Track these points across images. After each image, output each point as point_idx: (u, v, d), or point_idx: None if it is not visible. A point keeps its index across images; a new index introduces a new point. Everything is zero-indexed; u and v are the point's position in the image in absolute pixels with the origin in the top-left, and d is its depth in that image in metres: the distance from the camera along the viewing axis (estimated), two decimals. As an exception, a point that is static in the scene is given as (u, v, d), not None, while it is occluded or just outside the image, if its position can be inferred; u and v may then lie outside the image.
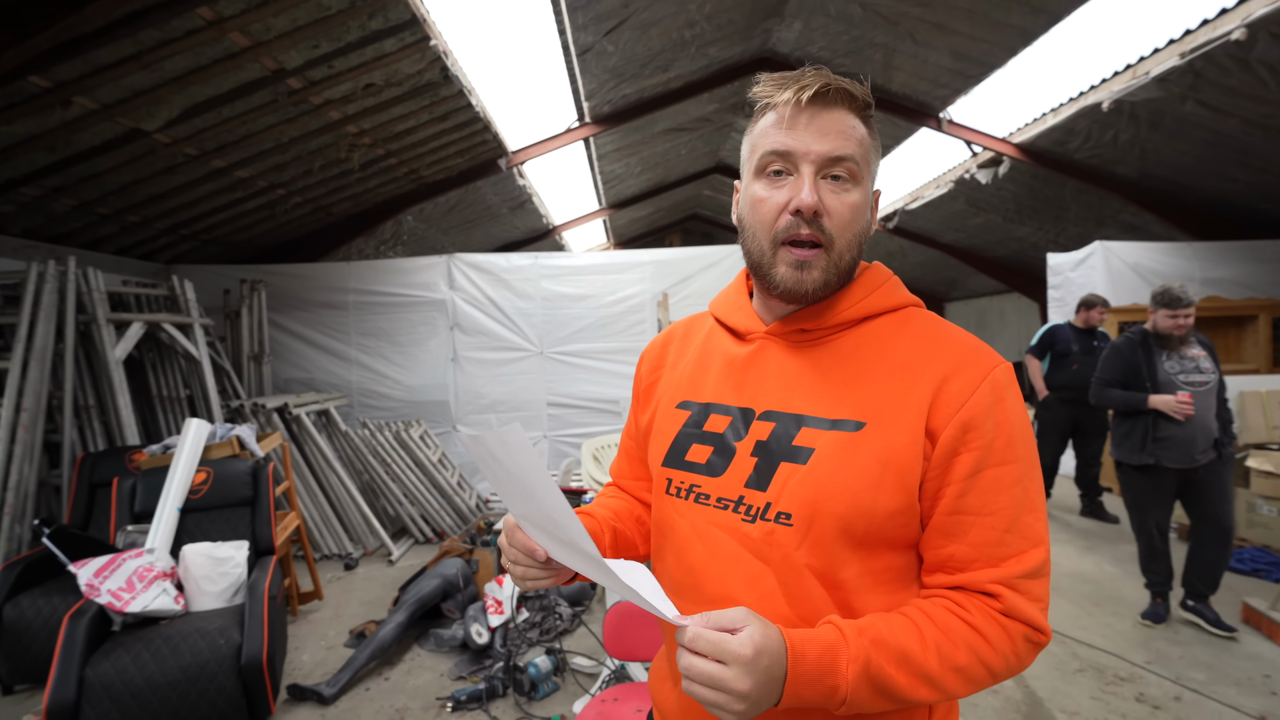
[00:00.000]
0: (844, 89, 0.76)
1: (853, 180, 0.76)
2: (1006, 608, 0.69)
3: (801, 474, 0.73)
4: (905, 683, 0.66)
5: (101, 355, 3.90)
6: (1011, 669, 0.70)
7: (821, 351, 0.79)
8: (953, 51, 5.35)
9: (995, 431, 0.70)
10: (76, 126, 3.75)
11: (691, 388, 0.87)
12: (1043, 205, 7.47)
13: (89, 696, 2.18)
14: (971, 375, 0.71)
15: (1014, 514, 0.70)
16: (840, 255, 0.76)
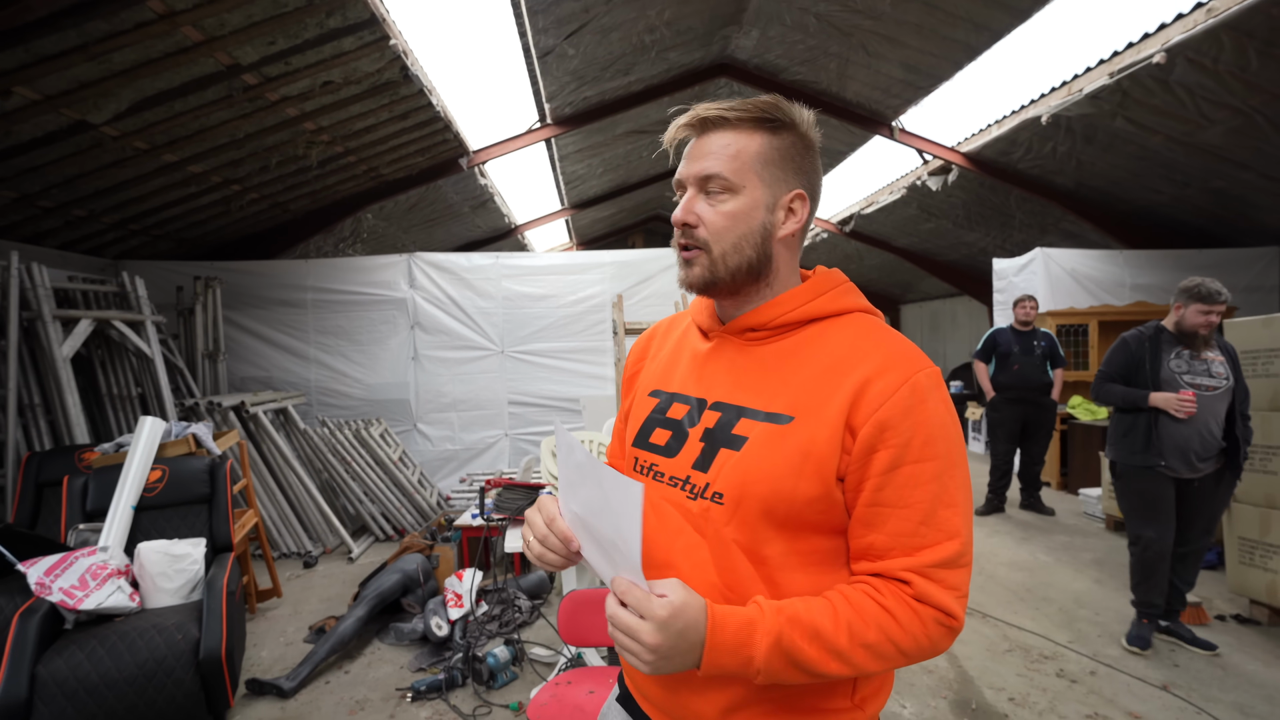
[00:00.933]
0: (715, 115, 0.85)
1: (729, 191, 0.85)
2: (918, 593, 0.75)
3: (735, 459, 0.82)
4: (816, 656, 0.72)
5: (48, 353, 3.81)
6: (924, 650, 0.76)
7: (767, 350, 0.87)
8: (903, 63, 5.58)
9: (913, 431, 0.76)
10: (17, 117, 3.66)
11: (663, 378, 0.97)
12: (990, 212, 7.80)
13: (42, 693, 2.18)
14: (893, 378, 0.77)
15: (930, 508, 0.76)
16: (723, 255, 0.85)
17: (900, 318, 14.40)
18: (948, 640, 0.77)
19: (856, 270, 12.81)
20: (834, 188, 9.34)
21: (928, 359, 0.81)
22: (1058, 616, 3.53)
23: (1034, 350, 5.22)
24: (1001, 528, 5.12)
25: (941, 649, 0.77)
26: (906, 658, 0.76)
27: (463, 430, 6.02)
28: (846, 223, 9.95)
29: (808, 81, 6.41)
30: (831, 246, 11.67)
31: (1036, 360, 5.21)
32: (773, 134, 0.86)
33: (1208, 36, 3.99)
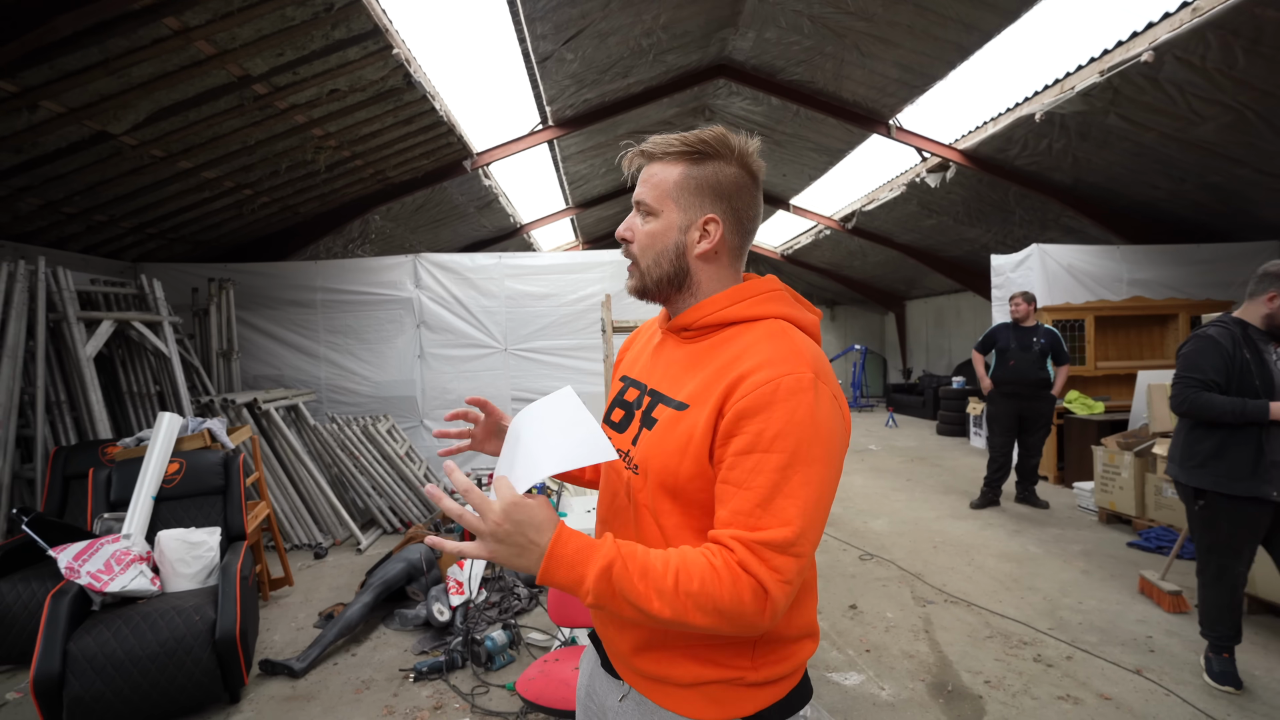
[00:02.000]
0: (644, 151, 1.00)
1: (649, 215, 1.00)
2: (740, 559, 0.81)
3: (648, 437, 0.97)
4: (641, 590, 0.80)
5: (72, 352, 4.01)
6: (739, 614, 0.80)
7: (692, 347, 1.01)
8: (897, 63, 5.66)
9: (765, 424, 0.83)
10: (43, 129, 3.85)
11: (631, 366, 1.15)
12: (989, 208, 7.85)
13: (73, 668, 2.36)
14: (762, 376, 0.86)
15: (768, 495, 0.82)
16: (648, 268, 1.01)
17: (905, 314, 14.43)
18: (761, 617, 0.81)
19: (861, 267, 12.87)
20: (835, 185, 9.40)
21: (807, 366, 0.87)
22: (1041, 605, 3.62)
23: (1031, 346, 5.30)
24: (995, 520, 5.21)
25: (756, 625, 0.82)
26: (724, 617, 0.80)
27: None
28: (849, 219, 10.01)
29: (805, 81, 6.49)
30: (835, 243, 11.73)
31: (1033, 356, 5.28)
32: (694, 164, 0.97)
33: (1194, 35, 4.04)
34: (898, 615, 3.56)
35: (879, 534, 4.96)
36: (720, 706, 0.93)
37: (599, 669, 1.09)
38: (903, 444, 9.13)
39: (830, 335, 15.77)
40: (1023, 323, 5.39)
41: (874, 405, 14.00)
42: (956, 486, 6.40)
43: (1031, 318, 5.41)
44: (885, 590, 3.90)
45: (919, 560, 4.37)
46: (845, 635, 3.33)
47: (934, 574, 4.11)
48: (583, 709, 1.15)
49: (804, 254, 13.30)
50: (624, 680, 1.02)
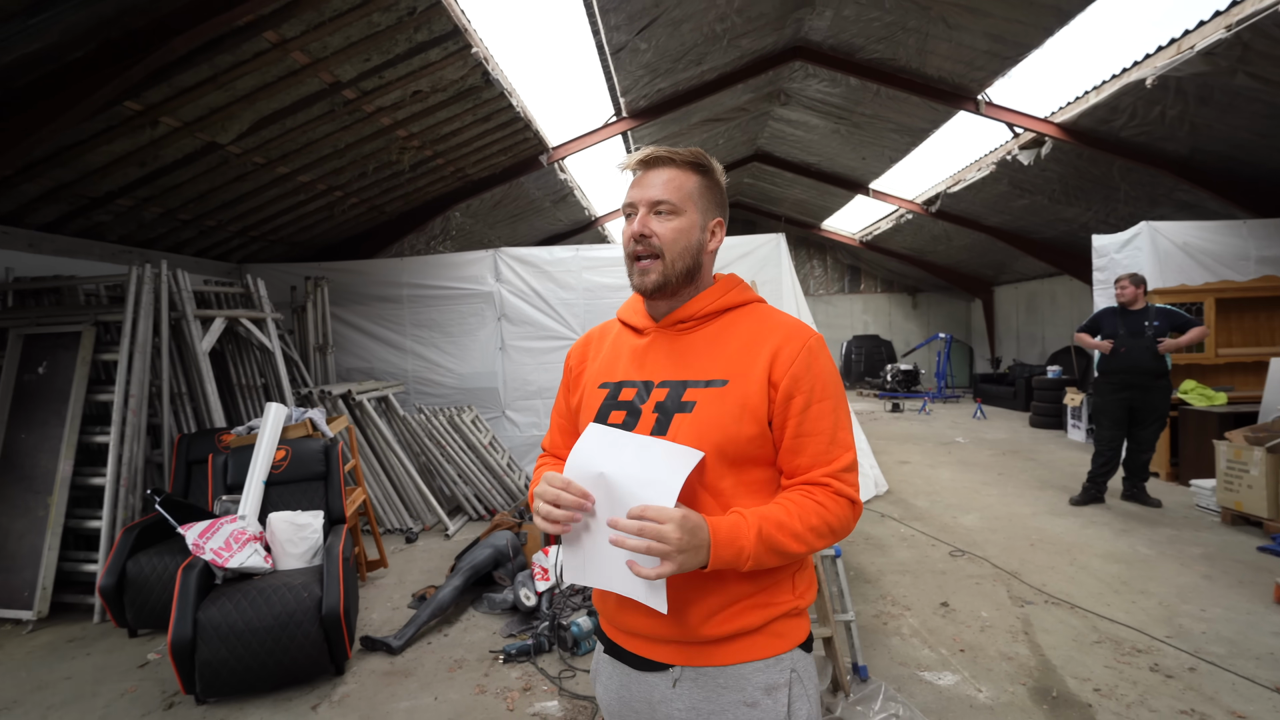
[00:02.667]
0: (663, 155, 1.11)
1: (673, 214, 1.10)
2: (836, 489, 1.04)
3: (689, 419, 1.05)
4: (784, 539, 0.98)
5: (191, 347, 4.34)
6: (845, 528, 1.04)
7: (694, 337, 1.13)
8: (987, 34, 5.33)
9: (814, 380, 1.05)
10: (163, 143, 4.18)
11: (607, 372, 1.20)
12: (1090, 185, 7.31)
13: (202, 635, 2.57)
14: (795, 346, 1.06)
15: (832, 432, 1.05)
16: (672, 262, 1.10)
17: (993, 300, 13.68)
18: (855, 520, 1.07)
19: (945, 252, 12.29)
20: (917, 167, 9.00)
21: (812, 330, 1.11)
22: (1157, 611, 3.36)
23: (1144, 331, 4.84)
24: (1099, 518, 4.87)
25: (851, 529, 1.07)
26: (835, 535, 1.04)
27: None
28: (932, 203, 9.56)
29: (885, 59, 6.23)
30: (917, 227, 11.23)
31: (1147, 342, 4.82)
32: (703, 175, 1.14)
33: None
34: (993, 615, 3.39)
35: (969, 530, 4.74)
36: (783, 639, 1.08)
37: (631, 674, 1.13)
38: (992, 436, 8.67)
39: (912, 324, 15.16)
40: (1130, 307, 4.96)
41: (960, 396, 13.37)
42: (1054, 481, 6.02)
43: (1140, 301, 4.96)
44: (979, 588, 3.72)
45: (1015, 558, 4.14)
46: (937, 633, 3.20)
47: (1032, 573, 3.89)
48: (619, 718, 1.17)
49: (884, 240, 12.82)
50: (672, 664, 1.08)
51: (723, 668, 1.06)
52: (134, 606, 3.26)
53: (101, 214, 4.72)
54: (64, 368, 3.89)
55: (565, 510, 0.99)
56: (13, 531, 3.67)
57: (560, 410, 1.33)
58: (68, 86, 3.01)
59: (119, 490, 3.75)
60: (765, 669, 1.06)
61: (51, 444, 3.77)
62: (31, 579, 3.56)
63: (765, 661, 1.06)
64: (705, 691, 1.06)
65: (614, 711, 1.17)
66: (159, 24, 2.99)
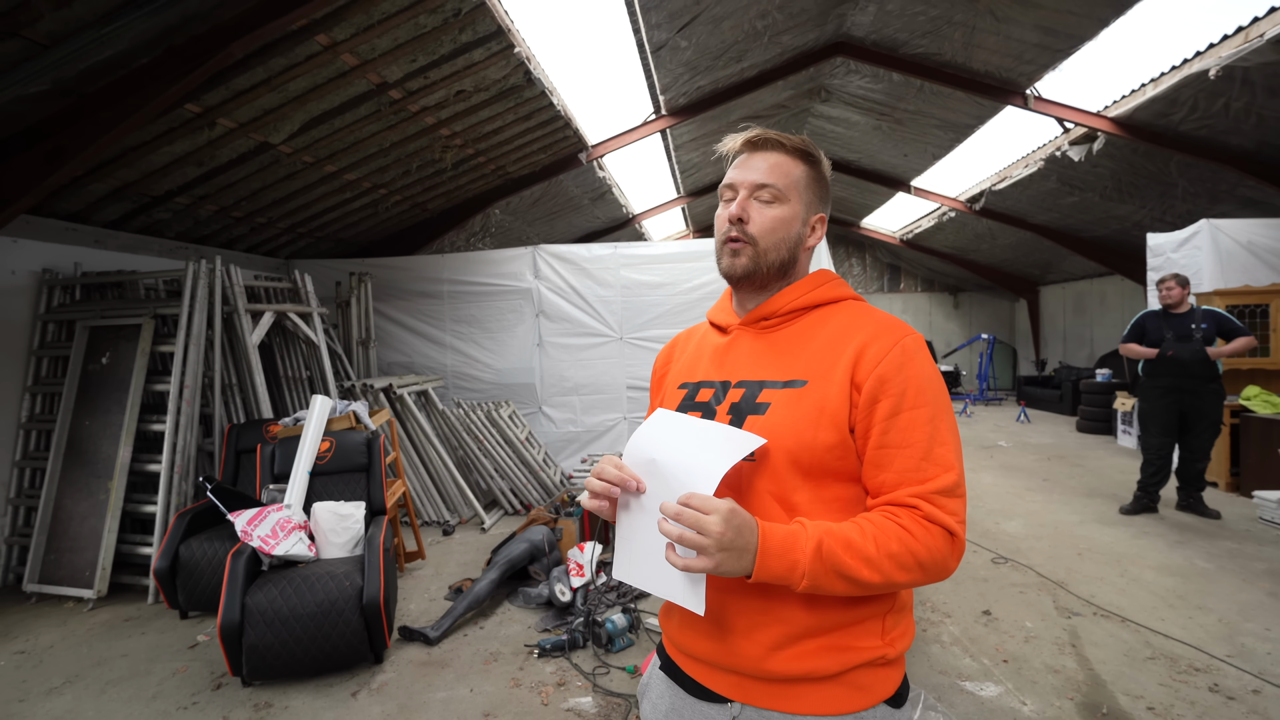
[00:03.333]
0: (773, 139, 1.03)
1: (776, 201, 1.02)
2: (926, 514, 0.87)
3: (762, 421, 0.96)
4: (851, 561, 0.84)
5: (241, 340, 4.49)
6: (936, 563, 0.87)
7: (777, 335, 1.04)
8: (1038, 26, 5.16)
9: (906, 384, 0.91)
10: (218, 144, 4.33)
11: (689, 373, 1.13)
12: (1145, 182, 7.03)
13: (249, 619, 2.66)
14: (885, 343, 0.94)
15: (927, 446, 0.89)
16: (765, 251, 1.02)
17: (1039, 300, 13.27)
18: (954, 559, 0.89)
19: (989, 251, 11.96)
20: (961, 163, 8.77)
21: (910, 328, 0.97)
22: (1216, 628, 3.21)
23: (1191, 335, 4.63)
24: (1152, 529, 4.68)
25: (950, 568, 0.89)
26: (923, 570, 0.87)
27: (584, 413, 6.36)
28: (976, 200, 9.31)
29: (930, 54, 6.08)
30: (960, 226, 10.95)
31: (1195, 346, 4.61)
32: (810, 165, 1.05)
33: None
34: (1038, 625, 3.28)
35: (1013, 536, 4.61)
36: (865, 693, 0.93)
37: (684, 699, 1.03)
38: (1037, 441, 8.42)
39: (954, 324, 14.80)
40: (1175, 309, 4.74)
41: (1002, 399, 13.01)
42: (1102, 489, 5.82)
43: (1185, 303, 4.75)
44: (1023, 597, 3.62)
45: (1061, 567, 4.01)
46: (979, 643, 3.12)
47: (1079, 583, 3.76)
48: None
49: (925, 238, 12.54)
50: (732, 699, 0.97)
51: (790, 716, 0.93)
52: (185, 589, 3.40)
53: (161, 212, 4.91)
54: (125, 358, 4.07)
55: (603, 483, 0.94)
56: (76, 514, 3.86)
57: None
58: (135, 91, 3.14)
59: (173, 477, 3.91)
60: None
61: (112, 431, 3.94)
62: (92, 559, 3.73)
63: (842, 719, 0.92)
64: None
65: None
66: (219, 30, 3.09)
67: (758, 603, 0.93)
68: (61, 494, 3.91)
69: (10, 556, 4.06)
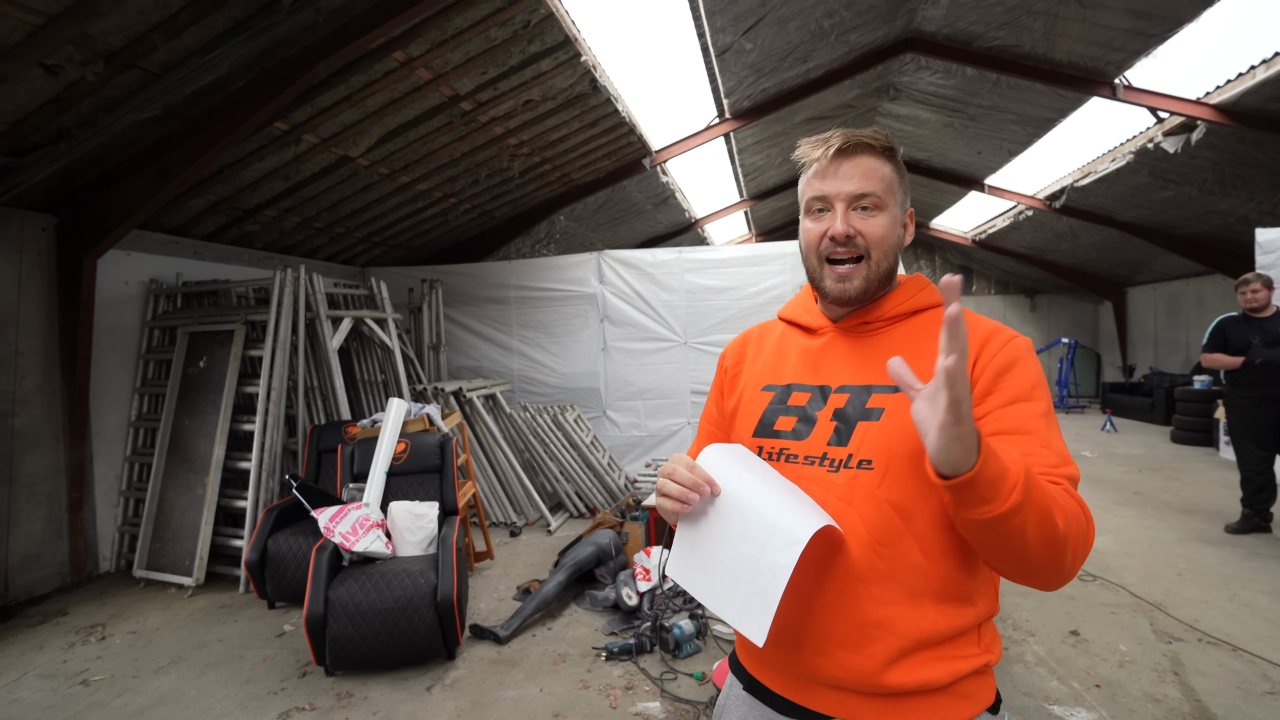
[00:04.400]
0: (863, 141, 0.97)
1: (877, 209, 0.97)
2: (1067, 489, 0.82)
3: (876, 429, 0.92)
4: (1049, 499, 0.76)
5: (322, 345, 4.72)
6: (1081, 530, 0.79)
7: (879, 338, 1.00)
8: (1129, 10, 4.86)
9: (1020, 378, 0.90)
10: (303, 159, 4.58)
11: (773, 374, 1.08)
12: (1252, 173, 6.51)
13: (332, 611, 2.78)
14: (999, 341, 0.92)
15: (1046, 436, 0.86)
16: (877, 264, 0.98)
17: (1125, 302, 12.47)
18: (1092, 535, 0.83)
19: (1070, 250, 11.34)
20: (1040, 159, 8.34)
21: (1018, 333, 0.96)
22: (1344, 660, 2.93)
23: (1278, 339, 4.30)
24: (1265, 550, 4.31)
25: (1090, 544, 0.83)
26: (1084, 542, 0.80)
27: (648, 418, 6.37)
28: (1056, 198, 8.85)
29: (1007, 46, 5.82)
30: (1038, 225, 10.43)
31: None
32: (893, 161, 1.00)
33: None
34: (1133, 649, 3.07)
35: (1101, 553, 4.33)
36: (970, 702, 0.91)
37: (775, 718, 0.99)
38: (1125, 451, 7.90)
39: (1031, 327, 14.10)
40: (1259, 313, 4.41)
41: (1085, 407, 12.28)
42: (1203, 505, 5.40)
43: (1270, 306, 4.40)
44: (1115, 618, 3.39)
45: (1158, 588, 3.74)
46: (1067, 664, 2.94)
47: (1179, 606, 3.50)
48: None
49: (1000, 238, 12.00)
50: (834, 716, 0.93)
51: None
52: (273, 580, 3.59)
53: (251, 224, 5.22)
54: (219, 362, 4.34)
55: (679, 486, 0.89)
56: (177, 506, 4.14)
57: (710, 417, 1.20)
58: (231, 112, 3.36)
59: (261, 474, 4.14)
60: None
61: (208, 430, 4.21)
62: (191, 549, 4.00)
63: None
64: None
65: None
66: (306, 51, 3.27)
67: (869, 615, 0.90)
68: (165, 488, 4.21)
69: (122, 544, 4.39)
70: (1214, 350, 4.57)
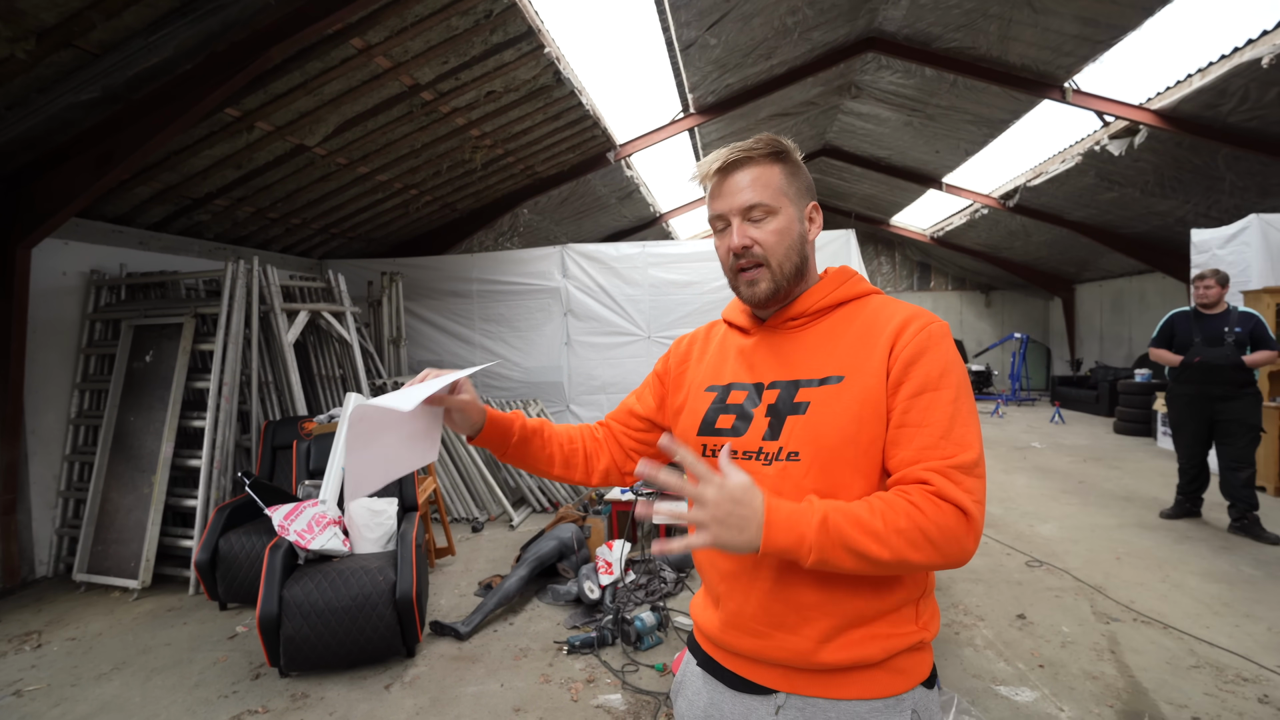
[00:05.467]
0: (744, 155, 1.02)
1: (769, 215, 1.02)
2: (938, 490, 0.87)
3: (803, 422, 0.97)
4: (858, 536, 0.83)
5: (277, 339, 4.60)
6: (949, 541, 0.85)
7: (805, 334, 1.05)
8: (1078, 17, 5.04)
9: (930, 366, 0.93)
10: (256, 146, 4.43)
11: (715, 375, 1.13)
12: (1189, 176, 6.82)
13: (286, 611, 2.72)
14: (913, 328, 0.96)
15: (947, 426, 0.90)
16: (779, 265, 1.02)
17: (1074, 298, 12.95)
18: (970, 539, 0.87)
19: (1022, 248, 11.71)
20: (995, 159, 8.59)
21: (935, 315, 0.99)
22: (1266, 637, 3.10)
23: (1223, 338, 4.32)
24: (1195, 534, 4.54)
25: (967, 548, 0.87)
26: (936, 548, 0.85)
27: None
28: (1010, 197, 9.12)
29: (964, 48, 5.97)
30: (993, 223, 10.74)
31: (1227, 350, 4.30)
32: (783, 162, 1.04)
33: None
34: (1075, 630, 3.21)
35: (1048, 539, 4.51)
36: (906, 676, 0.97)
37: (724, 693, 1.05)
38: (1072, 442, 8.22)
39: (985, 323, 14.53)
40: (1209, 309, 4.45)
41: (1036, 399, 12.72)
42: (1141, 492, 5.66)
43: (1221, 303, 4.44)
44: (1059, 601, 3.54)
45: (1098, 572, 3.91)
46: (1013, 647, 3.06)
47: (1118, 588, 3.67)
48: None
49: (956, 236, 12.32)
50: (777, 690, 0.99)
51: (835, 701, 0.96)
52: (225, 581, 3.49)
53: (201, 213, 5.04)
54: (167, 356, 4.19)
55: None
56: (122, 506, 3.99)
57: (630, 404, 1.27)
58: (179, 96, 3.23)
59: (213, 472, 4.02)
60: (884, 710, 0.95)
61: (156, 427, 4.07)
62: (137, 551, 3.86)
63: (884, 701, 0.95)
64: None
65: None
66: (258, 35, 3.17)
67: (802, 599, 0.96)
68: (108, 487, 4.05)
69: (60, 547, 4.21)
70: (1160, 345, 4.65)
